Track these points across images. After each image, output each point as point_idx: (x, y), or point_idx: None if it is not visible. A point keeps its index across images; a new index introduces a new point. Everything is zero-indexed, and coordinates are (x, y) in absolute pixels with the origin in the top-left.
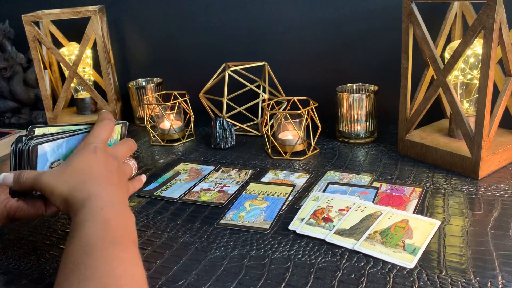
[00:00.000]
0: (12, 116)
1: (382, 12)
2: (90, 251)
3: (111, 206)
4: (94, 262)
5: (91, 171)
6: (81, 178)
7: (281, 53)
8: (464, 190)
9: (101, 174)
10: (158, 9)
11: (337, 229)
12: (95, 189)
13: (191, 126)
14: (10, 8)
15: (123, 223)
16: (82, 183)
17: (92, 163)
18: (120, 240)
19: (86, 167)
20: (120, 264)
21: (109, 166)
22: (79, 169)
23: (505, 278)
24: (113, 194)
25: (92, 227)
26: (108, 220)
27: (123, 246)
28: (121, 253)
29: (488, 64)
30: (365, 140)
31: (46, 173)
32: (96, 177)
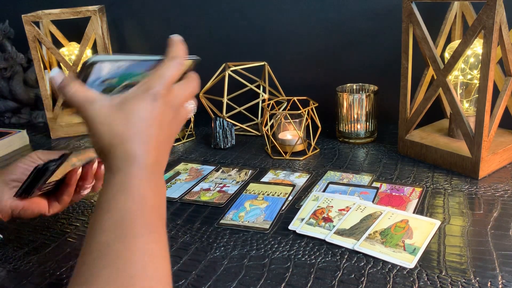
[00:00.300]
0: (12, 116)
1: (382, 12)
2: (123, 235)
3: (150, 177)
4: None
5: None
6: (129, 132)
7: (281, 53)
8: (464, 190)
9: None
10: (158, 9)
11: (337, 229)
12: (138, 152)
13: (191, 126)
14: (10, 8)
15: (159, 201)
16: (127, 140)
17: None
18: (155, 227)
19: (138, 120)
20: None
21: (163, 119)
22: (130, 120)
23: (505, 278)
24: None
25: (128, 203)
26: (146, 197)
27: (156, 235)
28: (155, 244)
29: (488, 64)
30: (365, 140)
31: (96, 105)
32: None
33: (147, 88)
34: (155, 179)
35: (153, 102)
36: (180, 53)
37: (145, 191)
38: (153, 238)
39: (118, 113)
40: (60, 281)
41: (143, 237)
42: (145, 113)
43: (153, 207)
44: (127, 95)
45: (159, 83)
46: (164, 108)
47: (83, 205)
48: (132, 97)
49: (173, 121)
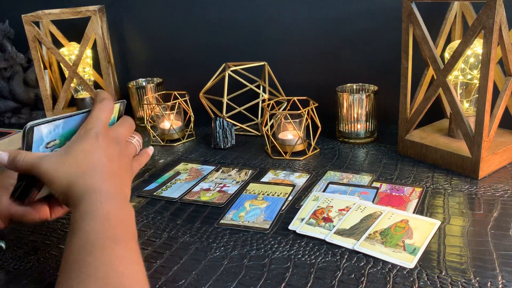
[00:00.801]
0: (12, 116)
1: (382, 12)
2: (90, 249)
3: (110, 201)
4: (95, 261)
5: (92, 162)
6: (81, 169)
7: (281, 53)
8: (464, 190)
9: (102, 164)
10: (158, 9)
11: (337, 229)
12: (95, 182)
13: (191, 126)
14: (10, 8)
15: (123, 219)
16: (82, 176)
17: (93, 152)
18: (121, 237)
19: (86, 156)
20: (121, 263)
21: (110, 153)
22: (80, 159)
23: (505, 278)
24: (114, 186)
25: (91, 224)
26: (108, 216)
27: (123, 244)
28: (122, 251)
29: (488, 64)
30: (365, 140)
31: (45, 159)
32: (96, 168)
33: (85, 130)
34: (117, 202)
35: (95, 139)
36: (107, 96)
37: (107, 211)
38: (121, 246)
39: (67, 157)
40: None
41: (109, 248)
42: (91, 149)
43: (118, 223)
44: (70, 142)
45: (96, 123)
46: (108, 142)
47: None
48: (74, 141)
49: (122, 154)
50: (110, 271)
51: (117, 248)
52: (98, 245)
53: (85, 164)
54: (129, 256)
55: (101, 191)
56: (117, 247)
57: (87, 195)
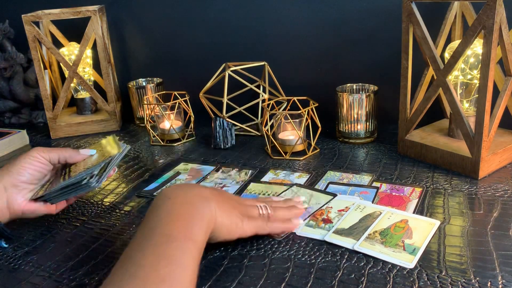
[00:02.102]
0: (12, 116)
1: (382, 12)
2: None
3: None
4: (142, 260)
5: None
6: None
7: (281, 53)
8: (464, 190)
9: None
10: (158, 9)
11: (336, 229)
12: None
13: (191, 126)
14: (10, 8)
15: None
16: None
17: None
18: (177, 236)
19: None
20: (167, 264)
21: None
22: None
23: (505, 278)
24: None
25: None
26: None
27: (178, 243)
28: (173, 251)
29: (488, 64)
30: (365, 140)
31: None
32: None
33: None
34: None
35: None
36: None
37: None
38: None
39: None
40: (60, 281)
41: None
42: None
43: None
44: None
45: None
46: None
47: (83, 205)
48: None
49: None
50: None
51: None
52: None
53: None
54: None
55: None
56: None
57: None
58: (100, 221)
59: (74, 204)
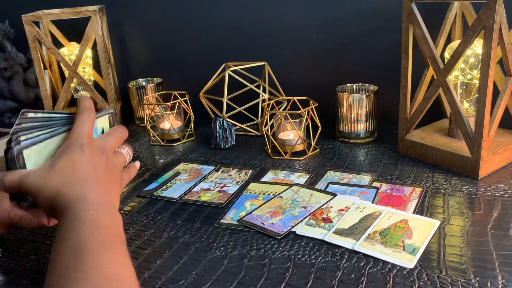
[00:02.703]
0: (12, 116)
1: (382, 12)
2: (78, 254)
3: (97, 207)
4: (84, 265)
5: (77, 172)
6: (67, 180)
7: (281, 53)
8: (464, 190)
9: (87, 174)
10: (158, 9)
11: (336, 229)
12: (80, 191)
13: (191, 126)
14: (10, 8)
15: (110, 224)
16: (68, 186)
17: (78, 162)
18: (109, 242)
19: (72, 168)
20: (110, 266)
21: (96, 163)
22: (65, 170)
23: (505, 278)
24: (100, 194)
25: (79, 230)
26: (95, 221)
27: (111, 248)
28: (110, 254)
29: (488, 64)
30: (365, 140)
31: (31, 174)
32: (81, 178)
33: (69, 143)
34: (104, 210)
35: (79, 151)
36: (88, 106)
37: (94, 217)
38: (108, 249)
39: (52, 170)
40: None
41: (97, 252)
42: (76, 160)
43: (105, 228)
44: (55, 155)
45: (78, 135)
46: (93, 151)
47: None
48: (60, 154)
49: (109, 164)
50: (99, 274)
51: (105, 252)
52: (86, 250)
53: (71, 175)
54: (118, 259)
55: (88, 199)
56: (105, 250)
57: (73, 204)
58: None
59: None
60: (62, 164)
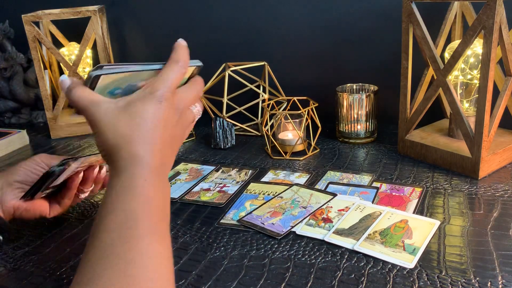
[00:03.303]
0: (12, 116)
1: (382, 12)
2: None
3: (155, 180)
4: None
5: (147, 129)
6: (134, 134)
7: (281, 53)
8: (464, 190)
9: (157, 133)
10: (158, 9)
11: (336, 229)
12: (143, 153)
13: None
14: (10, 8)
15: (162, 203)
16: (132, 141)
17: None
18: (159, 227)
19: (144, 121)
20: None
21: (169, 121)
22: (136, 122)
23: (505, 278)
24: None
25: (131, 204)
26: (150, 198)
27: (160, 236)
28: (158, 245)
29: (488, 64)
30: (365, 140)
31: (103, 105)
32: (149, 137)
33: (151, 90)
34: (159, 181)
35: (158, 104)
36: (183, 57)
37: (149, 192)
38: (156, 238)
39: (123, 114)
40: (60, 281)
41: (146, 238)
42: (150, 115)
43: (157, 208)
44: (132, 98)
45: (163, 86)
46: (169, 110)
47: (83, 206)
48: (137, 99)
49: (179, 123)
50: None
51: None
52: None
53: (139, 129)
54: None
55: (148, 166)
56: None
57: (132, 165)
58: None
59: (75, 204)
60: (136, 114)
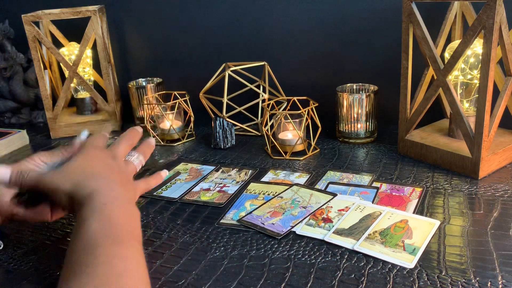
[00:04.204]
0: (12, 116)
1: (382, 12)
2: (91, 249)
3: (114, 202)
4: (95, 260)
5: (94, 168)
6: (84, 175)
7: (281, 53)
8: (464, 190)
9: (104, 170)
10: (158, 9)
11: (336, 229)
12: (98, 184)
13: (191, 126)
14: (10, 8)
15: (126, 220)
16: (85, 180)
17: (95, 159)
18: (122, 238)
19: (88, 164)
20: (121, 261)
21: (110, 164)
22: (82, 166)
23: (505, 278)
24: (116, 190)
25: (94, 224)
26: (110, 217)
27: (124, 244)
28: (123, 250)
29: (488, 64)
30: (365, 140)
31: (49, 172)
32: (98, 172)
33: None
34: (120, 204)
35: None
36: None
37: (110, 212)
38: (122, 246)
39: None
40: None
41: (110, 247)
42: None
43: (120, 223)
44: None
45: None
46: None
47: None
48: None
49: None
50: (110, 270)
51: (117, 248)
52: (99, 245)
53: (88, 169)
54: (130, 256)
55: (104, 193)
56: (118, 247)
57: (90, 197)
58: None
59: None
60: (80, 161)
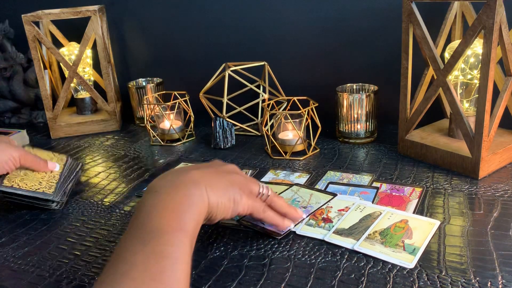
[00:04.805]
0: (12, 116)
1: (382, 12)
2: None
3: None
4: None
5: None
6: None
7: (281, 53)
8: (464, 190)
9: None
10: (158, 9)
11: (336, 229)
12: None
13: (191, 126)
14: (10, 8)
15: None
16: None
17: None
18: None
19: None
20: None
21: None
22: None
23: (505, 278)
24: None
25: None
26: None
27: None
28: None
29: (488, 64)
30: (365, 140)
31: None
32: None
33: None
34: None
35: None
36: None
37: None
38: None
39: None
40: (60, 281)
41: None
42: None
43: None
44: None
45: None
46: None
47: (83, 205)
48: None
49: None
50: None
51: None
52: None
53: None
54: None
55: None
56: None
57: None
58: (100, 221)
59: (74, 204)
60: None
